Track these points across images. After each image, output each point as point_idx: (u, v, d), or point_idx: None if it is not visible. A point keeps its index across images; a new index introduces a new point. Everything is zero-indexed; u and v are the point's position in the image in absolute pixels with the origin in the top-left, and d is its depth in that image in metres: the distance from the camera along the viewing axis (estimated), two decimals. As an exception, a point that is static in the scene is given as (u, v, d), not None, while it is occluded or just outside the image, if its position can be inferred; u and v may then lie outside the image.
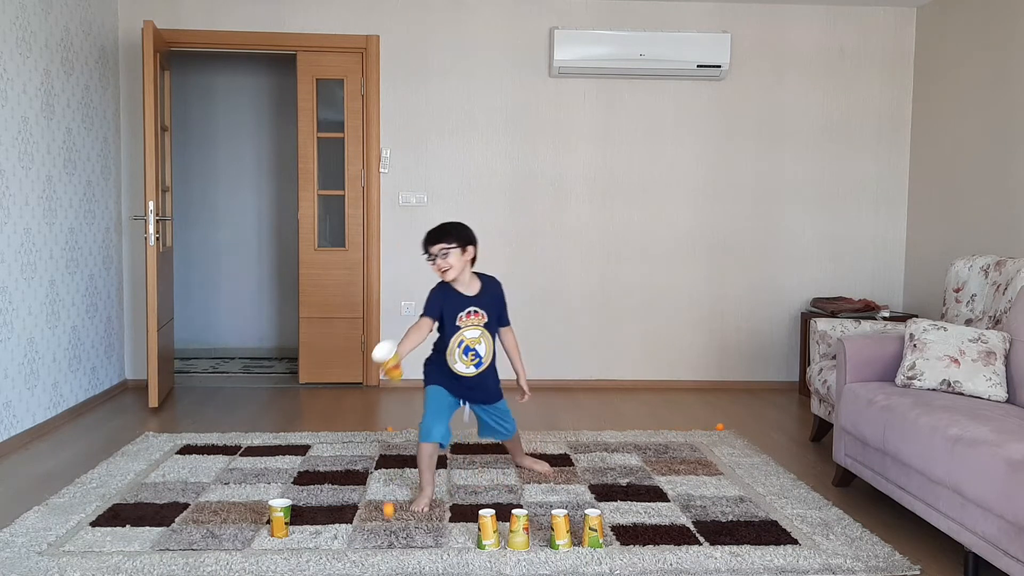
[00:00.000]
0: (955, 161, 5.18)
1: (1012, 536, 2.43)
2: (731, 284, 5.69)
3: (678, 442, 4.19)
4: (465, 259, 3.21)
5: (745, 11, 5.55)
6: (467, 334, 3.25)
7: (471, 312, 3.25)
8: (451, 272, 3.19)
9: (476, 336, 3.26)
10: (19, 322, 4.11)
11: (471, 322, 3.25)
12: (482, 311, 3.26)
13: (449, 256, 3.17)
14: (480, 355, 3.28)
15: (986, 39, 4.90)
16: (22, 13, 4.12)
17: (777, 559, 2.76)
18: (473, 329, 3.25)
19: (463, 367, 3.27)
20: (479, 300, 3.27)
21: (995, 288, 3.65)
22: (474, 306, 3.25)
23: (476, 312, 3.25)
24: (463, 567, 2.67)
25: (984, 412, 2.90)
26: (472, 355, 3.27)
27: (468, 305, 3.25)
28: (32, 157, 4.22)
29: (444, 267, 3.19)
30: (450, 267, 3.18)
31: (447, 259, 3.17)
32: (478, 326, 3.26)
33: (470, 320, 3.24)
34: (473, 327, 3.25)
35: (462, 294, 3.25)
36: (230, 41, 5.40)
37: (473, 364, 3.28)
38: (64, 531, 2.94)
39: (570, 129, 5.55)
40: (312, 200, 5.56)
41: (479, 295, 3.28)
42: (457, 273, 3.21)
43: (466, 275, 3.26)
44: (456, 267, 3.19)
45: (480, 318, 3.26)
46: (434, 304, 3.26)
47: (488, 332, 3.30)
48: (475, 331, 3.26)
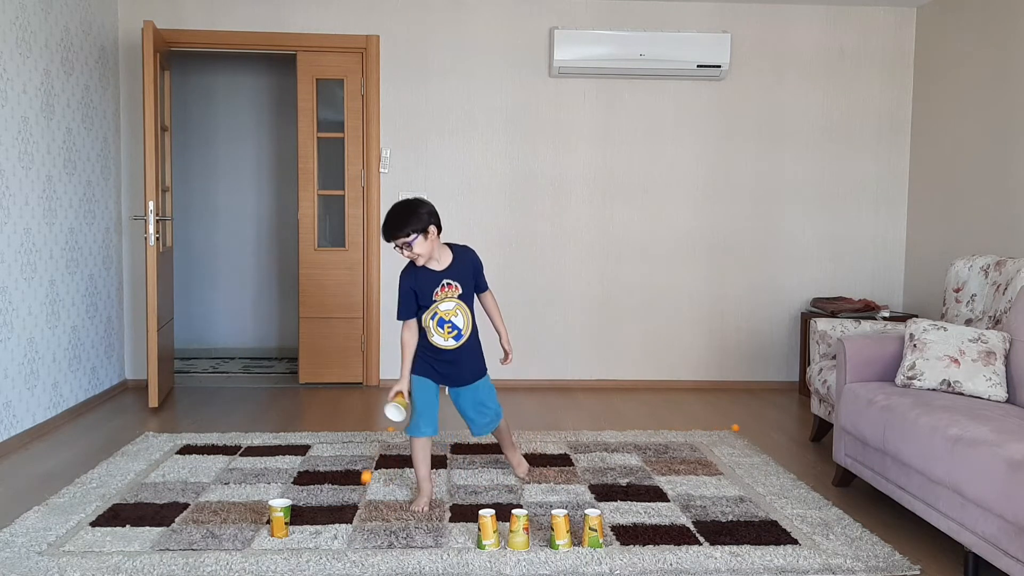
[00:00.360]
0: (955, 161, 5.18)
1: (1012, 536, 2.43)
2: (731, 284, 5.69)
3: (678, 442, 4.19)
4: (430, 241, 3.12)
5: (745, 11, 5.55)
6: (441, 307, 3.20)
7: (444, 285, 3.20)
8: (421, 259, 3.14)
9: (451, 308, 3.21)
10: (19, 322, 4.11)
11: (445, 295, 3.20)
12: (455, 283, 3.21)
13: (413, 246, 3.10)
14: (458, 327, 3.23)
15: (986, 39, 4.90)
16: (22, 13, 4.12)
17: (777, 559, 2.76)
18: (447, 301, 3.20)
19: (441, 340, 3.22)
20: (451, 272, 3.22)
21: (995, 288, 3.65)
22: (446, 279, 3.20)
23: (449, 284, 3.20)
24: (463, 567, 2.67)
25: (984, 412, 2.90)
26: (449, 327, 3.22)
27: (440, 279, 3.20)
28: (32, 157, 4.22)
29: (412, 257, 3.14)
30: (418, 255, 3.13)
31: (412, 250, 3.11)
32: (452, 298, 3.21)
33: (444, 293, 3.20)
34: (447, 299, 3.20)
35: (432, 271, 3.20)
36: (230, 41, 5.40)
37: (452, 336, 3.23)
38: (64, 531, 2.94)
39: (570, 129, 5.55)
40: (312, 200, 5.56)
41: (450, 267, 3.22)
42: (427, 258, 3.15)
43: (435, 252, 3.18)
44: (424, 252, 3.12)
45: (454, 290, 3.21)
46: (406, 297, 3.20)
47: (464, 304, 3.24)
48: (449, 303, 3.21)
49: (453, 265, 3.23)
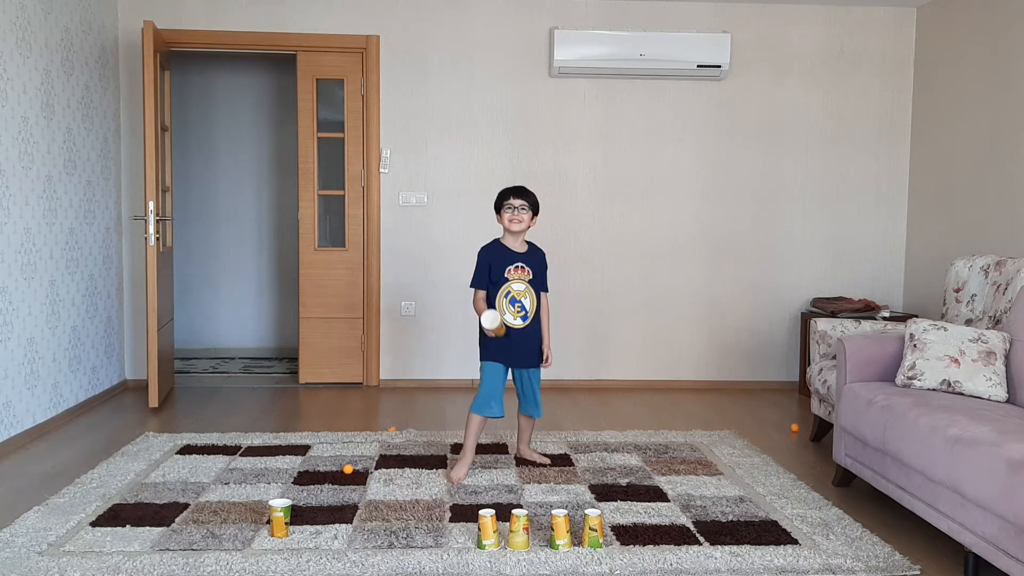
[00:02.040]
0: (955, 161, 5.18)
1: (1012, 536, 2.43)
2: (731, 284, 5.69)
3: (678, 442, 4.19)
4: (532, 223, 3.61)
5: (745, 11, 5.55)
6: (514, 286, 3.56)
7: (518, 267, 3.57)
8: (521, 225, 3.56)
9: (522, 289, 3.57)
10: (19, 322, 4.11)
11: (518, 276, 3.56)
12: (528, 268, 3.59)
13: (524, 213, 3.55)
14: (525, 308, 3.57)
15: (986, 39, 4.90)
16: (22, 13, 4.12)
17: (777, 559, 2.76)
18: (519, 283, 3.56)
19: (511, 318, 3.54)
20: (526, 257, 3.61)
21: (995, 288, 3.65)
22: (521, 262, 3.58)
23: (522, 267, 3.58)
24: (463, 567, 2.67)
25: (984, 412, 2.90)
26: (518, 307, 3.56)
27: (516, 260, 3.58)
28: (32, 157, 4.22)
29: (519, 219, 3.55)
30: (522, 221, 3.55)
31: (522, 213, 3.55)
32: (523, 280, 3.57)
33: (517, 274, 3.56)
34: (519, 280, 3.56)
35: (512, 250, 3.60)
36: (230, 41, 5.40)
37: (520, 316, 3.56)
38: (64, 531, 2.94)
39: (570, 129, 5.56)
40: (312, 200, 5.56)
41: (527, 253, 3.63)
42: (523, 229, 3.57)
43: (522, 236, 3.62)
44: (525, 223, 3.56)
45: (526, 273, 3.58)
46: (482, 269, 3.59)
47: (532, 289, 3.59)
48: (521, 284, 3.57)
49: (529, 252, 3.64)
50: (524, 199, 3.58)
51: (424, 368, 5.61)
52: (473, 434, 3.55)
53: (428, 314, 5.56)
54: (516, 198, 3.57)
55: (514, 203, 3.56)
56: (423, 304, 5.57)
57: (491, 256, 3.59)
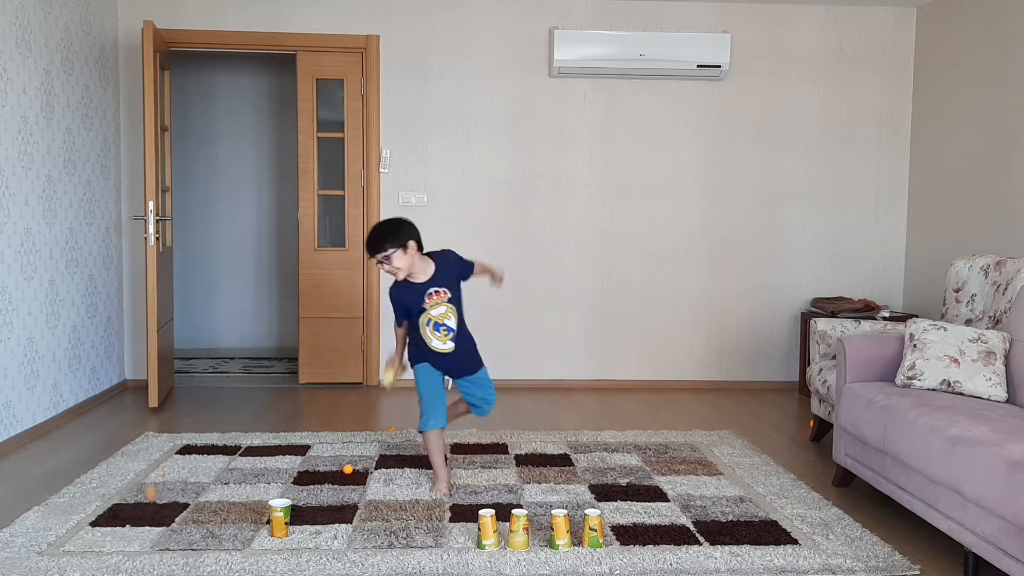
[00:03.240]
0: (955, 161, 5.18)
1: (1012, 536, 2.43)
2: (731, 284, 5.69)
3: (678, 442, 4.19)
4: (409, 256, 3.30)
5: (745, 11, 5.55)
6: (433, 312, 3.37)
7: (431, 294, 3.36)
8: (401, 273, 3.32)
9: (443, 312, 3.38)
10: (19, 322, 4.11)
11: (435, 301, 3.37)
12: (442, 289, 3.38)
13: (393, 260, 3.27)
14: (452, 328, 3.40)
15: (986, 39, 4.90)
16: (22, 13, 4.12)
17: (777, 559, 2.76)
18: (439, 307, 3.37)
19: (439, 344, 3.39)
20: (435, 281, 3.38)
21: (995, 288, 3.65)
22: (433, 287, 3.37)
23: (437, 292, 3.37)
24: (463, 567, 2.67)
25: (984, 412, 2.91)
26: (444, 330, 3.39)
27: (427, 289, 3.36)
28: (32, 157, 4.22)
29: (392, 271, 3.32)
30: (398, 269, 3.30)
31: (391, 263, 3.28)
32: (442, 303, 3.38)
33: (433, 300, 3.36)
34: (438, 305, 3.37)
35: (417, 284, 3.36)
36: (230, 41, 5.40)
37: (449, 339, 3.40)
38: (64, 531, 2.94)
39: (570, 129, 5.55)
40: (312, 200, 5.56)
41: (434, 277, 3.38)
42: (407, 271, 3.32)
43: (417, 266, 3.35)
44: (404, 267, 3.30)
45: (443, 296, 3.38)
46: (398, 309, 3.42)
47: (453, 305, 3.41)
48: (440, 308, 3.38)
49: (436, 274, 3.38)
50: (380, 251, 3.27)
51: (424, 368, 5.60)
52: (432, 450, 3.41)
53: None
54: (374, 254, 3.29)
55: (377, 259, 3.30)
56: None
57: (402, 295, 3.37)
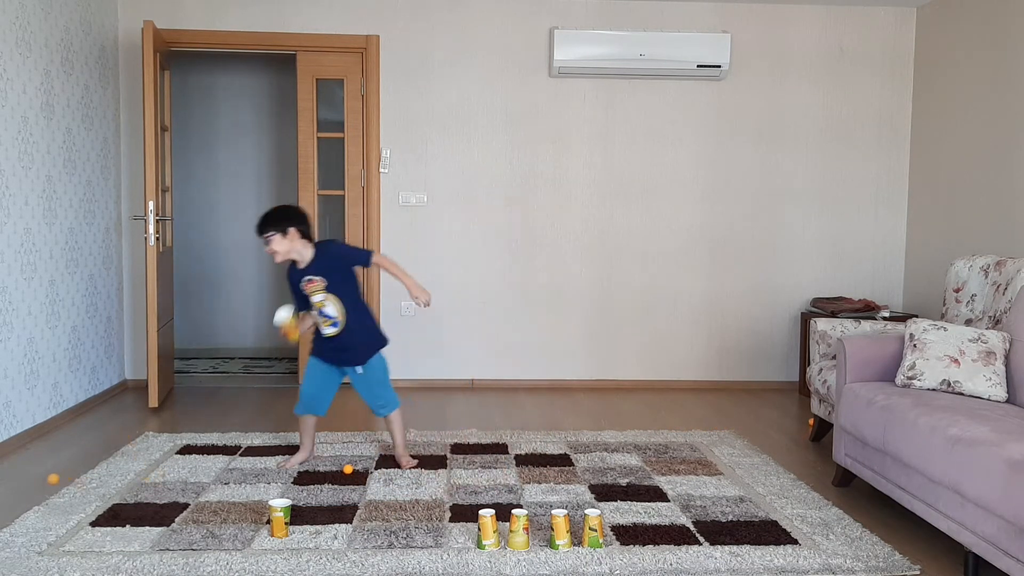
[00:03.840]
0: (955, 161, 5.18)
1: (1012, 536, 2.43)
2: (731, 284, 5.69)
3: (678, 442, 4.19)
4: (288, 241, 3.48)
5: (745, 11, 5.55)
6: (313, 299, 3.54)
7: (308, 281, 3.53)
8: (278, 256, 3.50)
9: (320, 299, 3.53)
10: (19, 322, 4.11)
11: (312, 288, 3.53)
12: (318, 277, 3.52)
13: (272, 243, 3.47)
14: (331, 315, 3.54)
15: (986, 39, 4.90)
16: (22, 13, 4.12)
17: (777, 559, 2.76)
18: (317, 294, 3.53)
19: (328, 329, 3.56)
20: (312, 268, 3.53)
21: (995, 288, 3.65)
22: (308, 275, 3.53)
23: (312, 280, 3.53)
24: (463, 567, 2.67)
25: (984, 412, 2.91)
26: (323, 317, 3.54)
27: (304, 275, 3.53)
28: (32, 157, 4.22)
29: (270, 252, 3.50)
30: (275, 252, 3.49)
31: (271, 245, 3.48)
32: (319, 291, 3.53)
33: (311, 288, 3.53)
34: (316, 292, 3.53)
35: (298, 268, 3.56)
36: (230, 41, 5.40)
37: (330, 325, 3.55)
38: (64, 531, 2.94)
39: (570, 129, 5.55)
40: (312, 200, 5.56)
41: (311, 263, 3.54)
42: (284, 255, 3.50)
43: (297, 252, 3.51)
44: (280, 251, 3.48)
45: (318, 283, 3.53)
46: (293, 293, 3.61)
47: (333, 294, 3.53)
48: (319, 295, 3.53)
49: (314, 261, 3.54)
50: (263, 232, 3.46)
51: (424, 368, 5.61)
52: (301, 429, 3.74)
53: (428, 314, 5.55)
54: (259, 234, 3.49)
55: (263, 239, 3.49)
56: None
57: (289, 278, 3.59)
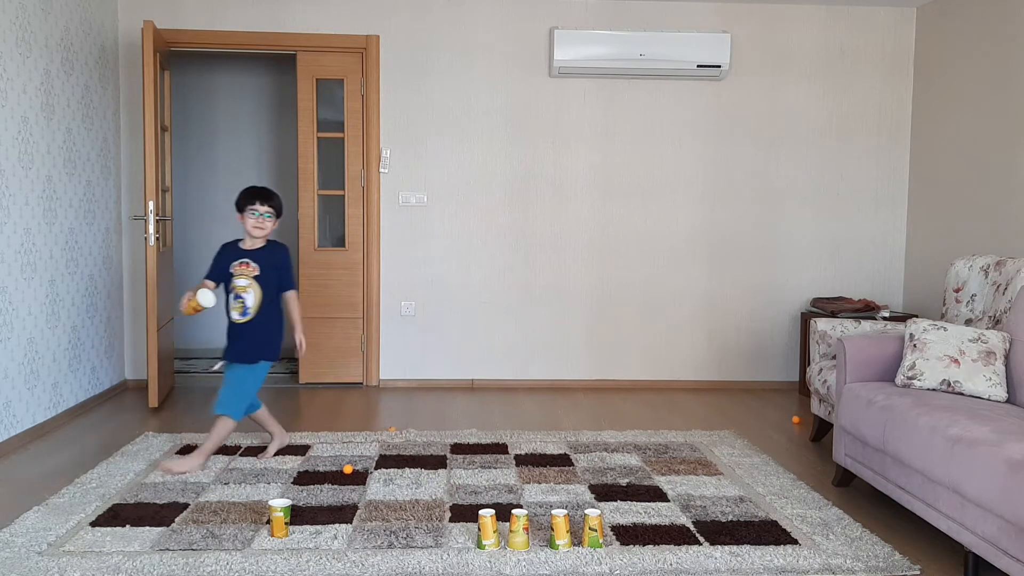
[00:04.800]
0: (955, 161, 5.18)
1: (1012, 536, 2.43)
2: (731, 284, 5.69)
3: (678, 442, 4.19)
4: (273, 225, 3.62)
5: (745, 11, 5.55)
6: (237, 282, 3.58)
7: (243, 263, 3.58)
8: (263, 232, 3.58)
9: (244, 285, 3.57)
10: (19, 322, 4.11)
11: (241, 271, 3.57)
12: (254, 264, 3.59)
13: (268, 219, 3.57)
14: (247, 304, 3.58)
15: (986, 39, 4.90)
16: (22, 13, 4.12)
17: (777, 559, 2.76)
18: (242, 278, 3.57)
19: (236, 314, 3.60)
20: (255, 255, 3.60)
21: (995, 288, 3.65)
22: (247, 258, 3.59)
23: (247, 263, 3.58)
24: (463, 567, 2.67)
25: (984, 412, 2.91)
26: (240, 303, 3.59)
27: (242, 256, 3.59)
28: (32, 157, 4.22)
29: (262, 225, 3.57)
30: (264, 228, 3.58)
31: (266, 221, 3.57)
32: (248, 276, 3.58)
33: (241, 270, 3.57)
34: (242, 276, 3.57)
35: (241, 248, 3.62)
36: (230, 41, 5.40)
37: (238, 311, 3.60)
38: (64, 531, 2.94)
39: (570, 129, 5.55)
40: (312, 200, 5.56)
41: (258, 252, 3.61)
42: (266, 234, 3.60)
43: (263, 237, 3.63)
44: (268, 230, 3.59)
45: (251, 269, 3.58)
46: (215, 265, 3.65)
47: (258, 285, 3.59)
48: (244, 280, 3.58)
49: (261, 251, 3.62)
50: (271, 205, 3.57)
51: (424, 368, 5.61)
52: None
53: (428, 314, 5.56)
54: (263, 203, 3.55)
55: (259, 208, 3.56)
56: (423, 304, 5.56)
57: (224, 253, 3.65)
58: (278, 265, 3.64)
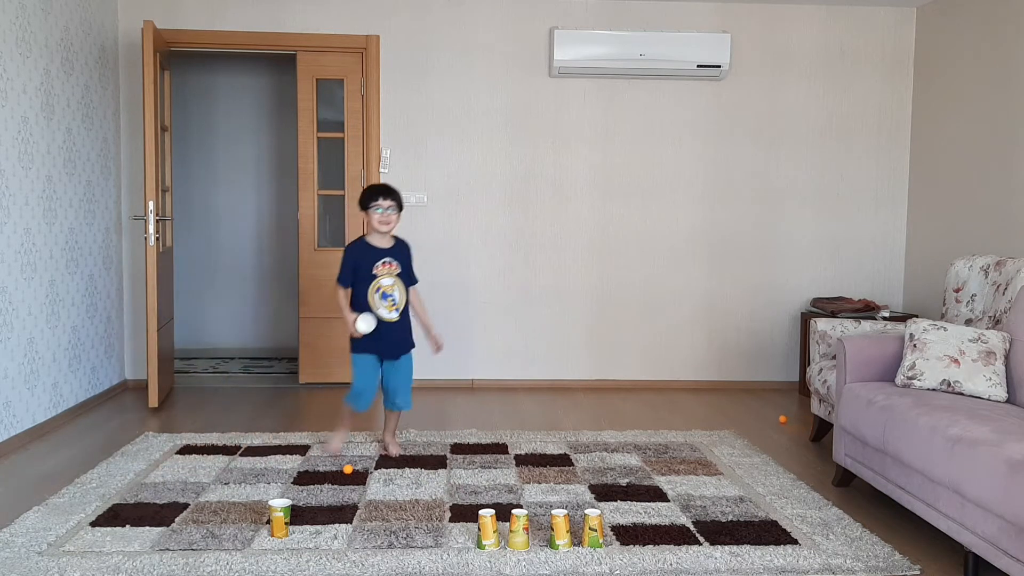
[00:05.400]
0: (955, 161, 5.18)
1: (1012, 536, 2.43)
2: (731, 284, 5.69)
3: (678, 442, 4.19)
4: (399, 220, 3.75)
5: (745, 11, 5.55)
6: (383, 281, 3.68)
7: (386, 262, 3.70)
8: (389, 227, 3.69)
9: (391, 283, 3.70)
10: (19, 322, 4.11)
11: (386, 271, 3.69)
12: (395, 261, 3.72)
13: (394, 213, 3.69)
14: (396, 300, 3.71)
15: (986, 39, 4.90)
16: (22, 13, 4.12)
17: (777, 559, 2.76)
18: (387, 277, 3.69)
19: (385, 312, 3.69)
20: (392, 252, 3.74)
21: (995, 288, 3.65)
22: (388, 257, 3.71)
23: (390, 262, 3.71)
24: (463, 567, 2.67)
25: (984, 412, 2.91)
26: (390, 300, 3.70)
27: (383, 256, 3.70)
28: (32, 157, 4.22)
29: (388, 220, 3.68)
30: (390, 223, 3.69)
31: (392, 215, 3.68)
32: (392, 275, 3.71)
33: (385, 269, 3.69)
34: (388, 275, 3.69)
35: (378, 247, 3.72)
36: (230, 41, 5.40)
37: (393, 310, 3.71)
38: (64, 531, 2.94)
39: (570, 129, 5.55)
40: (312, 200, 5.56)
41: (392, 248, 3.76)
42: (391, 228, 3.71)
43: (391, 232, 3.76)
44: (394, 224, 3.71)
45: (394, 267, 3.72)
46: (347, 268, 3.71)
47: (401, 281, 3.73)
48: (389, 279, 3.70)
49: (395, 248, 3.76)
50: (392, 199, 3.68)
51: (424, 368, 5.58)
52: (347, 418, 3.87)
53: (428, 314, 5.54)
54: (385, 198, 3.67)
55: (383, 203, 3.66)
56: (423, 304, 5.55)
57: (357, 254, 3.71)
58: (408, 259, 3.82)
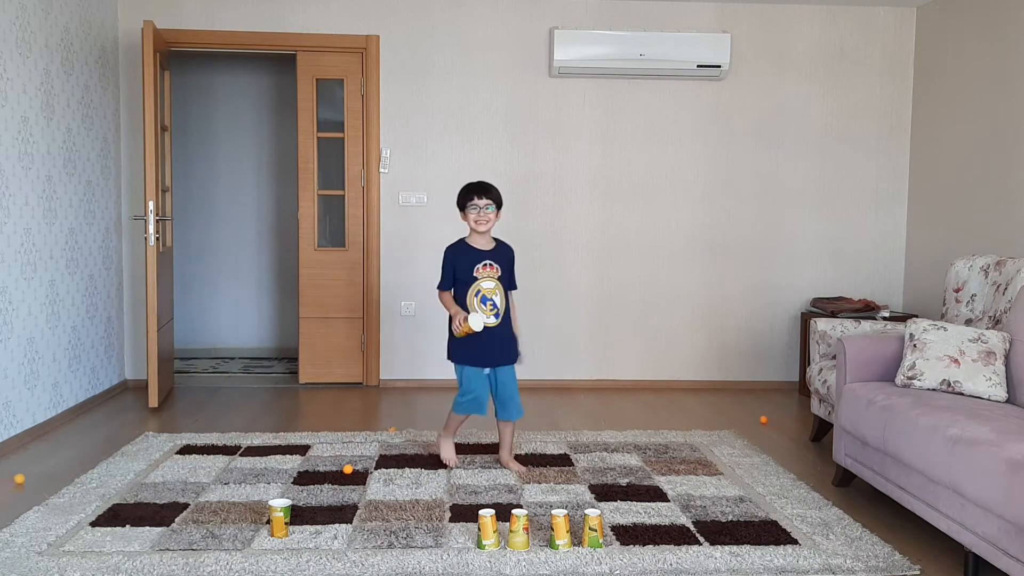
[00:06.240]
0: (955, 161, 5.18)
1: (1012, 536, 2.43)
2: (731, 284, 5.69)
3: (678, 442, 4.19)
4: (497, 218, 3.59)
5: (745, 11, 5.55)
6: (484, 284, 3.55)
7: (487, 265, 3.56)
8: (488, 225, 3.55)
9: (491, 287, 3.56)
10: (19, 322, 4.11)
11: (487, 274, 3.55)
12: (496, 265, 3.58)
13: (492, 211, 3.55)
14: (496, 304, 3.56)
15: (986, 39, 4.90)
16: (22, 13, 4.12)
17: (777, 559, 2.76)
18: (489, 280, 3.56)
19: (487, 318, 3.53)
20: (493, 255, 3.60)
21: (995, 288, 3.65)
22: (489, 259, 3.57)
23: (491, 265, 3.57)
24: (463, 567, 2.67)
25: (984, 412, 2.91)
26: (490, 305, 3.55)
27: (484, 258, 3.57)
28: (32, 157, 4.22)
29: (486, 218, 3.54)
30: (488, 221, 3.55)
31: (489, 214, 3.54)
32: (493, 278, 3.57)
33: (486, 272, 3.55)
34: (488, 279, 3.55)
35: (478, 249, 3.59)
36: (230, 41, 5.40)
37: (493, 314, 3.55)
38: (64, 531, 2.94)
39: (570, 129, 5.55)
40: (312, 200, 5.56)
41: (494, 251, 3.62)
42: (490, 227, 3.57)
43: (488, 234, 3.61)
44: (492, 222, 3.57)
45: (495, 271, 3.58)
46: (448, 270, 3.59)
47: (502, 285, 3.59)
48: (490, 282, 3.56)
49: (496, 250, 3.63)
50: (489, 197, 3.54)
51: (424, 368, 5.61)
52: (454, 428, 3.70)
53: (428, 314, 5.55)
54: (481, 197, 3.54)
55: (479, 203, 3.54)
56: (423, 304, 5.56)
57: (458, 256, 3.58)
58: (510, 262, 3.68)
